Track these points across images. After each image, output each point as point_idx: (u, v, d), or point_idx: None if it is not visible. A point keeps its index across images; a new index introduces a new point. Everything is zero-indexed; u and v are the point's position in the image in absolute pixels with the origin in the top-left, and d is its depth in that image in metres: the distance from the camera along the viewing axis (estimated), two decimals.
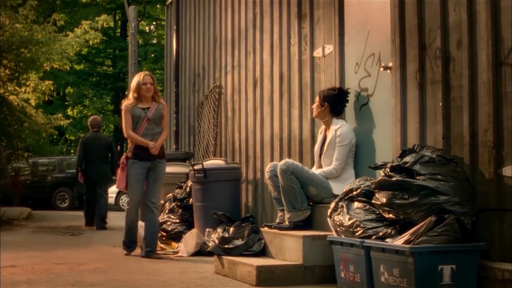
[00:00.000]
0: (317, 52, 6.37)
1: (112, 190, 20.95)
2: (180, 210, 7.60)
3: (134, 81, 7.00)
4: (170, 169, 7.70)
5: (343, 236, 4.56)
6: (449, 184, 4.06)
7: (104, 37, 21.85)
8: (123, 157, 6.90)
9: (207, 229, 6.83)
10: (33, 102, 14.90)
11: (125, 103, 6.96)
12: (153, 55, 31.34)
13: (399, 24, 5.01)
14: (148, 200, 6.80)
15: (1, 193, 15.39)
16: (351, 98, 5.84)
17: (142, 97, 6.88)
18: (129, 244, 7.02)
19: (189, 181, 7.67)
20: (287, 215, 5.56)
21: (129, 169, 6.82)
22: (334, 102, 5.76)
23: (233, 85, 8.53)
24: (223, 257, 5.53)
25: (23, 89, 14.74)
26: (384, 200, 4.24)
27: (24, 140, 14.46)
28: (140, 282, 5.06)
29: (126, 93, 24.82)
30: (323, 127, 5.94)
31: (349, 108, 5.90)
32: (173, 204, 7.75)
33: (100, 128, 11.72)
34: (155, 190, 6.85)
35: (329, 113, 5.78)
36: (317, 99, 5.89)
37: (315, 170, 5.79)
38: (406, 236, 3.96)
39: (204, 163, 7.37)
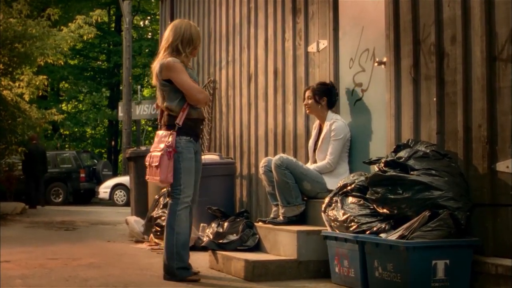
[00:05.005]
0: (312, 47, 6.36)
1: (106, 185, 20.91)
2: None
3: (188, 31, 4.87)
4: None
5: (337, 231, 4.56)
6: (443, 179, 4.07)
7: (98, 32, 21.75)
8: (172, 138, 4.75)
9: (201, 224, 6.82)
10: (27, 97, 14.81)
11: (176, 59, 4.81)
12: (147, 50, 31.28)
13: (394, 19, 5.01)
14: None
15: None
16: (347, 93, 5.83)
17: (189, 58, 5.01)
18: (188, 266, 4.94)
19: None
20: (281, 210, 5.56)
21: (182, 152, 4.79)
22: (331, 95, 5.77)
23: (228, 80, 8.52)
24: (218, 252, 5.53)
25: (17, 84, 14.66)
26: (378, 195, 4.25)
27: (19, 135, 14.41)
28: (134, 277, 5.05)
29: (121, 88, 24.79)
30: (317, 122, 5.94)
31: (344, 103, 5.90)
32: (167, 199, 7.73)
33: (37, 141, 17.24)
34: (198, 182, 5.12)
35: (326, 107, 5.78)
36: (308, 95, 5.84)
37: (310, 165, 5.78)
38: (400, 231, 3.97)
39: None
